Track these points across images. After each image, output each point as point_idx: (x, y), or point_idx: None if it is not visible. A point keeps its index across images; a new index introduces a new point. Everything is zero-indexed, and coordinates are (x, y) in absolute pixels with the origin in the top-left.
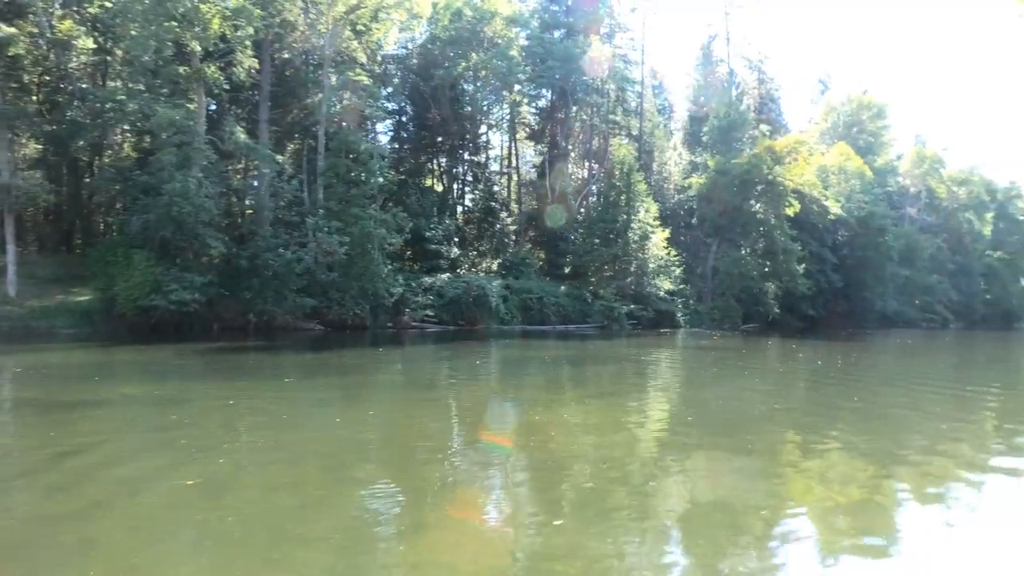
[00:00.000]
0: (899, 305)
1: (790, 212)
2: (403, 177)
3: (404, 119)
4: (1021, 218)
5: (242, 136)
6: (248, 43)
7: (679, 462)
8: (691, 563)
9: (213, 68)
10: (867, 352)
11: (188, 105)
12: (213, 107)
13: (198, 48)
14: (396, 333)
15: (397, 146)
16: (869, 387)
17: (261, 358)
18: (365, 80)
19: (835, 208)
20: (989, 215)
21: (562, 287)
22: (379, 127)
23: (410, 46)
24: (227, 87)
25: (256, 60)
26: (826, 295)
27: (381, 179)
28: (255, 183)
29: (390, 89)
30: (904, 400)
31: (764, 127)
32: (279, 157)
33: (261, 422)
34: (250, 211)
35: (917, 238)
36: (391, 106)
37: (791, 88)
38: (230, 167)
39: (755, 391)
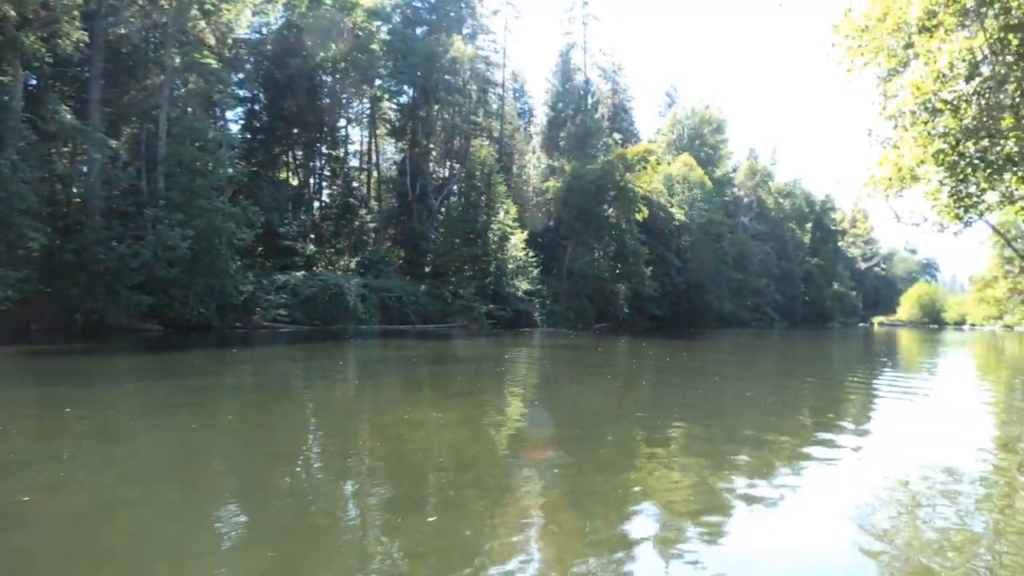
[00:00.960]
0: (733, 306)
1: (639, 217)
2: (255, 169)
3: (257, 108)
4: (833, 228)
5: (68, 116)
6: (76, 13)
7: (534, 456)
8: (549, 551)
9: (33, 38)
10: (708, 349)
11: (0, 78)
12: (34, 82)
13: (12, 13)
14: (246, 334)
15: (249, 136)
16: (710, 381)
17: (89, 361)
18: (213, 64)
19: (679, 215)
20: (808, 225)
21: (422, 286)
22: (229, 115)
23: (265, 31)
24: (50, 61)
25: (86, 33)
26: (671, 296)
27: (230, 170)
28: (84, 169)
29: (242, 75)
30: (739, 392)
31: (617, 135)
32: (112, 142)
33: (88, 432)
34: (78, 200)
35: (749, 245)
36: (243, 93)
37: (642, 99)
38: (54, 150)
39: (607, 387)
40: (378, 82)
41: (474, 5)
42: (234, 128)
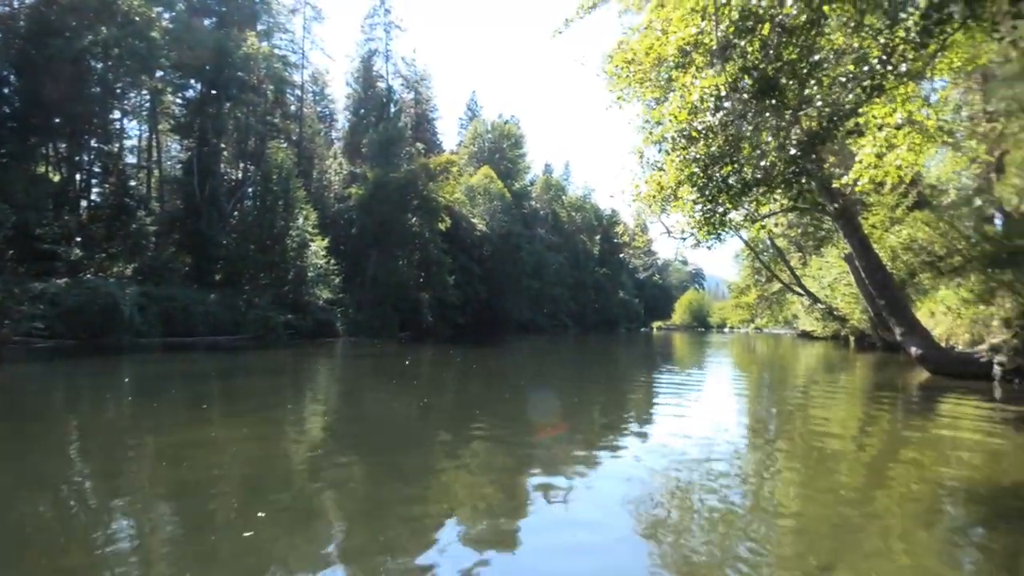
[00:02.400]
0: (531, 313)
1: (442, 226)
2: (4, 161)
3: (7, 91)
4: (617, 241)
5: None
6: None
7: (337, 470)
8: (348, 564)
9: None
10: (510, 355)
11: None
12: None
13: None
14: None
15: None
16: (513, 385)
17: None
18: None
19: (481, 225)
20: (597, 237)
21: (212, 295)
22: None
23: (16, 4)
24: None
25: None
26: (473, 304)
27: None
28: None
29: None
30: (537, 394)
31: (420, 145)
32: None
33: None
34: None
35: (545, 255)
36: None
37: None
38: None
39: (410, 396)
40: (160, 73)
41: (269, 1)
42: None
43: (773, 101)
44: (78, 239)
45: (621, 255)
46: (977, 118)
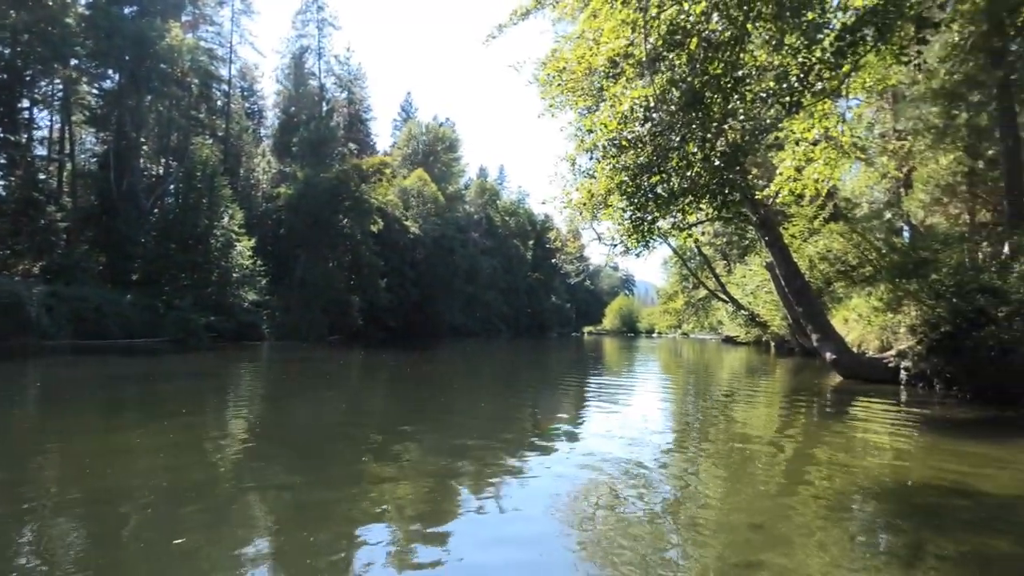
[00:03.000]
0: (464, 317)
1: (374, 229)
2: None
3: None
4: (550, 246)
5: None
6: None
7: (260, 476)
8: (280, 568)
9: None
10: (442, 359)
11: None
12: None
13: None
14: None
15: None
16: (446, 389)
17: None
18: None
19: (414, 228)
20: (531, 242)
21: (128, 296)
22: None
23: None
24: None
25: None
26: (405, 308)
27: None
28: None
29: None
30: (470, 399)
31: (352, 145)
32: None
33: None
34: None
35: (479, 259)
36: None
37: (379, 111)
38: None
39: (339, 400)
40: (74, 62)
41: None
42: None
43: (699, 114)
44: None
45: (554, 260)
46: (888, 136)
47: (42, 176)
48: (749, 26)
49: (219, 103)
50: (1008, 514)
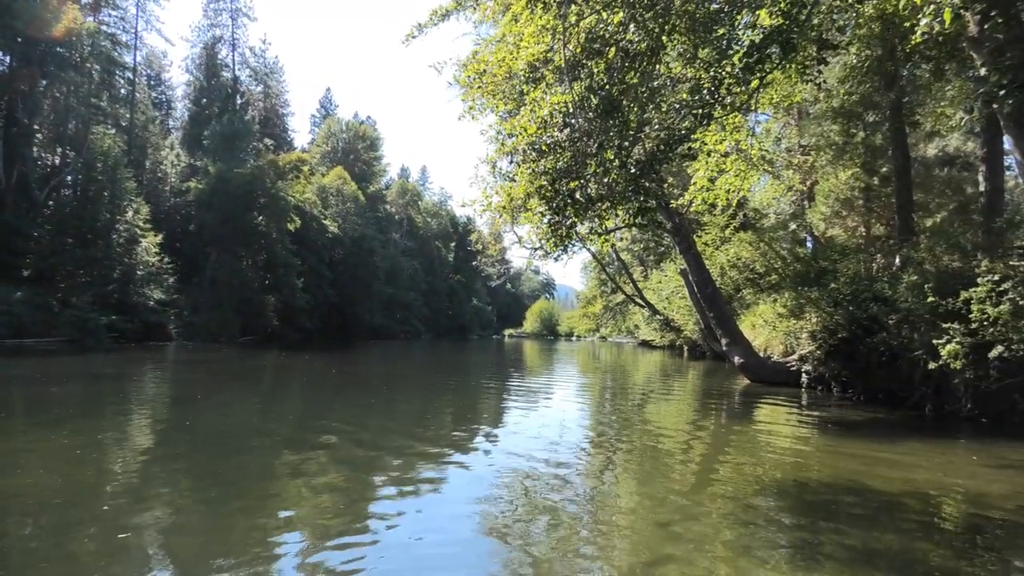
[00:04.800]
0: (384, 319)
1: (291, 227)
2: None
3: None
4: (471, 248)
5: None
6: None
7: (159, 486)
8: None
9: None
10: (362, 361)
11: None
12: None
13: None
14: None
15: None
16: (365, 392)
17: None
18: None
19: (333, 227)
20: (452, 244)
21: (18, 293)
22: None
23: None
24: None
25: None
26: (323, 309)
27: None
28: None
29: None
30: (389, 401)
31: (269, 141)
32: None
33: None
34: None
35: (400, 260)
36: None
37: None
38: None
39: (251, 404)
40: None
41: None
42: None
43: (616, 122)
44: None
45: (475, 263)
46: (793, 150)
47: None
48: (664, 38)
49: (123, 91)
50: (897, 510)
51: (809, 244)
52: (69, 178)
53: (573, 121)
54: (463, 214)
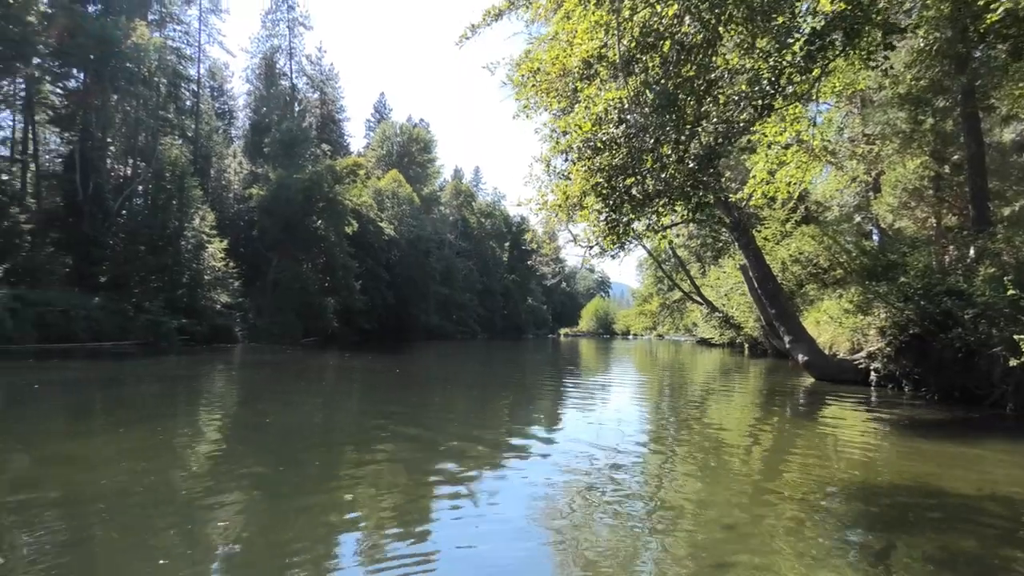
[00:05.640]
0: (440, 319)
1: (349, 230)
2: None
3: None
4: (526, 248)
5: None
6: None
7: (230, 483)
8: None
9: None
10: (420, 362)
11: None
12: None
13: None
14: None
15: None
16: (423, 392)
17: None
18: None
19: (389, 229)
20: (507, 244)
21: (96, 299)
22: None
23: None
24: None
25: None
26: (380, 310)
27: None
28: None
29: None
30: (447, 401)
31: (326, 146)
32: None
33: None
34: None
35: (455, 261)
36: None
37: (353, 112)
38: None
39: (313, 404)
40: (36, 60)
41: None
42: None
43: (673, 116)
44: None
45: (530, 262)
46: (857, 140)
47: (5, 177)
48: (721, 29)
49: (188, 103)
50: (976, 514)
51: (875, 237)
52: (140, 188)
53: (628, 117)
54: (517, 214)
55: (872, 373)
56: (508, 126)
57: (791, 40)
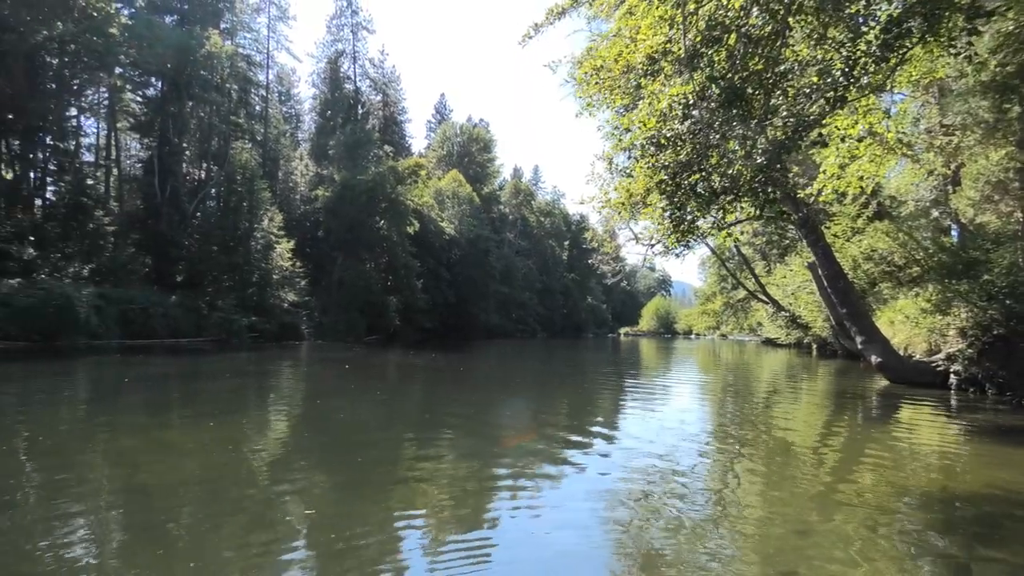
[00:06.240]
0: (500, 318)
1: (410, 230)
2: None
3: None
4: (586, 246)
5: None
6: None
7: (301, 474)
8: (315, 567)
9: None
10: (481, 359)
11: None
12: None
13: None
14: None
15: None
16: (484, 389)
17: None
18: None
19: (449, 229)
20: (566, 242)
21: (173, 297)
22: None
23: None
24: None
25: None
26: (441, 309)
27: None
28: None
29: None
30: (507, 399)
31: (388, 147)
32: None
33: None
34: None
35: (514, 260)
36: None
37: (414, 113)
38: None
39: (376, 400)
40: (118, 70)
41: (233, 0)
42: None
43: (739, 111)
44: (32, 238)
45: (590, 261)
46: (934, 131)
47: (90, 182)
48: (790, 20)
49: (257, 108)
50: None
51: (955, 233)
52: (213, 190)
53: (694, 112)
54: (576, 212)
55: (951, 376)
56: (568, 125)
57: (866, 29)
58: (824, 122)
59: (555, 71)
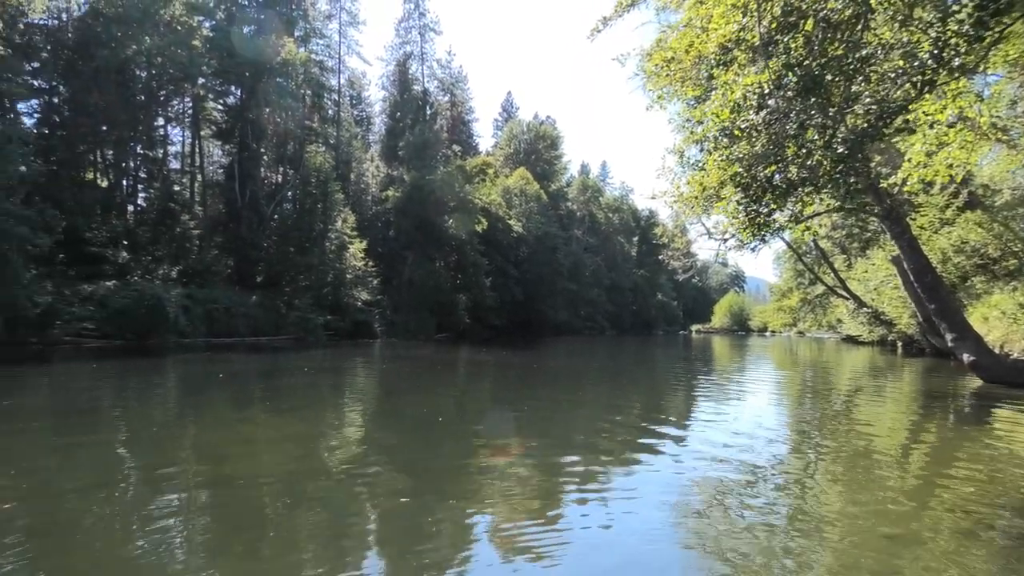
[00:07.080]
0: (568, 315)
1: (479, 229)
2: (54, 168)
3: (56, 101)
4: (655, 242)
5: None
6: None
7: (377, 470)
8: (390, 567)
9: None
10: (551, 356)
11: None
12: None
13: None
14: (42, 350)
15: (47, 131)
16: (552, 385)
17: None
18: None
19: (517, 227)
20: (635, 239)
21: (253, 297)
22: (21, 107)
23: (64, 17)
24: None
25: None
26: (509, 306)
27: (23, 168)
28: None
29: (36, 64)
30: (576, 395)
31: (456, 147)
32: None
33: None
34: None
35: (582, 257)
36: (37, 84)
37: (481, 112)
38: None
39: (449, 396)
40: (201, 80)
41: (306, 8)
42: (28, 122)
43: (818, 98)
44: (125, 243)
45: (659, 257)
46: None
47: (177, 188)
48: (873, 2)
49: (330, 112)
50: None
51: None
52: (289, 193)
53: (769, 102)
54: (645, 208)
55: None
56: (636, 120)
57: (956, 7)
58: (910, 108)
59: (624, 64)
